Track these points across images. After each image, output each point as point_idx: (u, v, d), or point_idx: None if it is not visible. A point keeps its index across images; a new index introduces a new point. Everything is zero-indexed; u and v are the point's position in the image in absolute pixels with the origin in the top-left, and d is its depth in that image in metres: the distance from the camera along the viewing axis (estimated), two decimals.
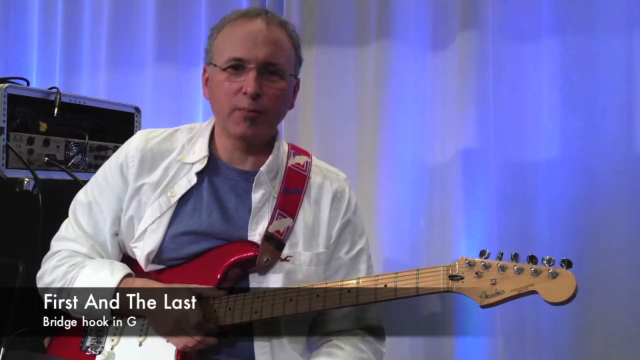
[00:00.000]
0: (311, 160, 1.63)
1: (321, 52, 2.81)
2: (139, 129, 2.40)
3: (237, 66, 1.47)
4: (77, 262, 1.56)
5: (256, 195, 1.52)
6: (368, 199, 2.68)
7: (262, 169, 1.53)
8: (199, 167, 1.54)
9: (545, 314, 2.45)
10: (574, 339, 2.44)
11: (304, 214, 1.55)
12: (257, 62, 1.46)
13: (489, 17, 2.55)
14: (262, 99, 1.46)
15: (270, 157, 1.55)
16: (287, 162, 1.58)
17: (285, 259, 1.50)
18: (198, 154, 1.56)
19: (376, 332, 1.60)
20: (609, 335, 2.39)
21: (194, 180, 1.54)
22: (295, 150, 1.63)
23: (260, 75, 1.46)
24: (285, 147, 1.62)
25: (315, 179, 1.60)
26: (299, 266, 1.51)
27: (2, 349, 1.77)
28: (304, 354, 1.55)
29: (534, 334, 2.48)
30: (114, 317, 1.50)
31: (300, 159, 1.61)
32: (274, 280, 1.48)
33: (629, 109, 2.39)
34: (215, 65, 1.51)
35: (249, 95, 1.45)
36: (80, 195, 1.63)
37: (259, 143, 1.56)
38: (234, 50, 1.47)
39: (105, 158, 2.23)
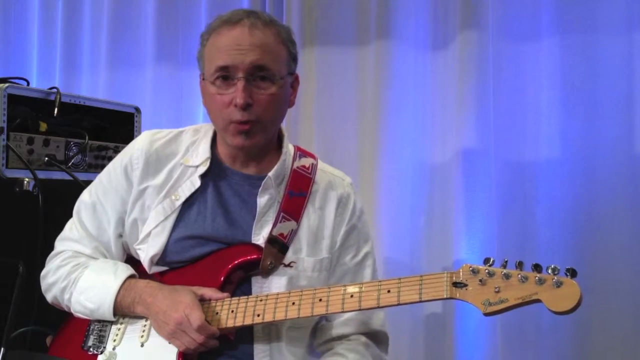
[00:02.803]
0: (317, 163, 1.62)
1: (321, 52, 2.81)
2: (139, 129, 2.40)
3: (225, 77, 1.45)
4: (80, 263, 1.56)
5: (262, 200, 1.51)
6: (368, 199, 2.68)
7: (270, 174, 1.51)
8: (203, 169, 1.54)
9: (545, 314, 2.41)
10: (573, 339, 2.44)
11: (308, 218, 1.54)
12: (244, 69, 1.43)
13: (489, 17, 2.55)
14: (254, 108, 1.44)
15: (279, 164, 1.54)
16: (292, 165, 1.57)
17: (288, 265, 1.49)
18: (201, 156, 1.55)
19: (380, 338, 1.60)
20: (608, 334, 2.39)
21: (198, 183, 1.53)
22: (301, 152, 1.62)
23: (250, 83, 1.43)
24: (291, 150, 1.61)
25: (320, 183, 1.59)
26: (303, 272, 1.51)
27: (2, 348, 1.77)
28: (304, 359, 1.54)
29: (534, 333, 2.48)
30: (116, 318, 1.50)
31: (306, 161, 1.59)
32: (277, 285, 1.48)
33: (629, 109, 2.39)
34: (205, 79, 1.50)
35: (240, 106, 1.42)
36: (85, 196, 1.62)
37: (260, 148, 1.54)
38: (219, 59, 1.44)
39: (105, 158, 2.23)
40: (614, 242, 2.39)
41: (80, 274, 1.53)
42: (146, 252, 1.52)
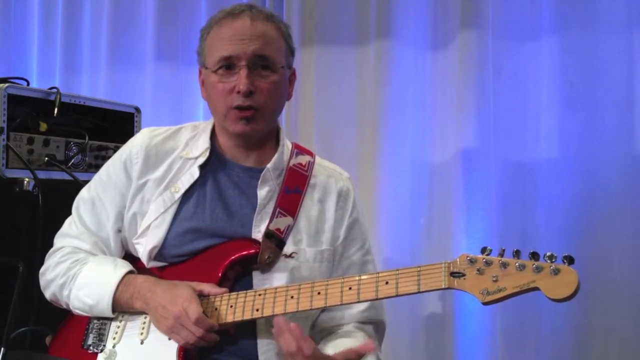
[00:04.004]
0: (314, 160, 1.63)
1: (321, 52, 2.81)
2: (139, 129, 2.40)
3: (228, 66, 1.47)
4: (79, 259, 1.56)
5: (262, 192, 1.52)
6: (368, 199, 2.68)
7: (268, 165, 1.53)
8: (202, 160, 1.54)
9: (545, 314, 2.45)
10: (573, 339, 2.44)
11: (307, 212, 1.55)
12: (246, 57, 1.46)
13: (489, 16, 2.55)
14: (256, 95, 1.47)
15: (276, 155, 1.55)
16: (289, 162, 1.58)
17: (290, 256, 1.50)
18: (200, 148, 1.56)
19: (380, 328, 1.62)
20: (608, 335, 2.39)
21: (197, 174, 1.53)
22: (298, 149, 1.63)
23: (252, 71, 1.46)
24: (289, 146, 1.62)
25: (319, 177, 1.60)
26: (304, 262, 1.51)
27: (2, 348, 1.77)
28: None
29: (534, 334, 2.48)
30: (115, 314, 1.50)
31: (303, 159, 1.60)
32: (279, 277, 1.48)
33: (629, 108, 2.39)
34: (207, 68, 1.52)
35: (242, 93, 1.45)
36: (84, 193, 1.63)
37: (260, 138, 1.56)
38: (223, 49, 1.47)
39: (105, 158, 2.23)
40: (613, 242, 2.39)
41: (79, 270, 1.53)
42: (145, 246, 1.52)
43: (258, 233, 1.50)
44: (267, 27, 1.50)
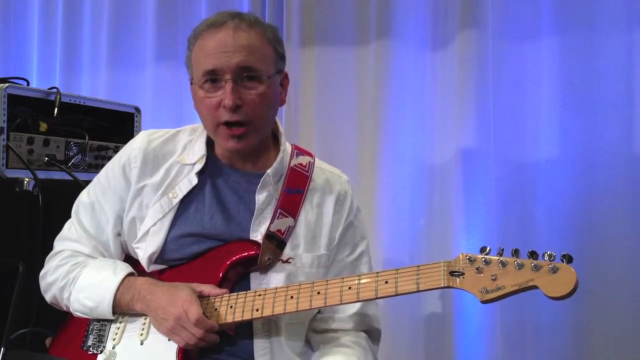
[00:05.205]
0: (314, 161, 1.62)
1: (321, 52, 2.81)
2: (139, 129, 2.40)
3: (213, 80, 1.45)
4: (79, 262, 1.56)
5: (260, 197, 1.51)
6: (368, 199, 2.68)
7: (269, 171, 1.52)
8: (199, 167, 1.54)
9: (545, 314, 2.45)
10: (573, 339, 2.44)
11: (306, 214, 1.55)
12: (230, 70, 1.43)
13: (489, 16, 2.55)
14: (243, 109, 1.44)
15: (277, 161, 1.54)
16: (289, 163, 1.58)
17: (286, 261, 1.50)
18: (197, 154, 1.56)
19: (375, 335, 1.62)
20: (608, 335, 2.39)
21: (195, 180, 1.53)
22: (298, 150, 1.63)
23: (238, 84, 1.43)
24: (289, 149, 1.61)
25: (317, 180, 1.59)
26: (301, 268, 1.51)
27: (2, 349, 1.77)
28: (303, 354, 1.55)
29: (533, 334, 2.49)
30: (115, 316, 1.51)
31: (303, 160, 1.60)
32: (275, 281, 1.48)
33: (629, 108, 2.39)
34: (194, 84, 1.50)
35: (228, 107, 1.43)
36: (83, 196, 1.63)
37: (255, 147, 1.54)
38: (206, 63, 1.45)
39: (105, 158, 2.24)
40: (613, 242, 2.39)
41: (79, 273, 1.53)
42: (144, 251, 1.52)
43: (256, 237, 1.49)
44: (250, 35, 1.45)
